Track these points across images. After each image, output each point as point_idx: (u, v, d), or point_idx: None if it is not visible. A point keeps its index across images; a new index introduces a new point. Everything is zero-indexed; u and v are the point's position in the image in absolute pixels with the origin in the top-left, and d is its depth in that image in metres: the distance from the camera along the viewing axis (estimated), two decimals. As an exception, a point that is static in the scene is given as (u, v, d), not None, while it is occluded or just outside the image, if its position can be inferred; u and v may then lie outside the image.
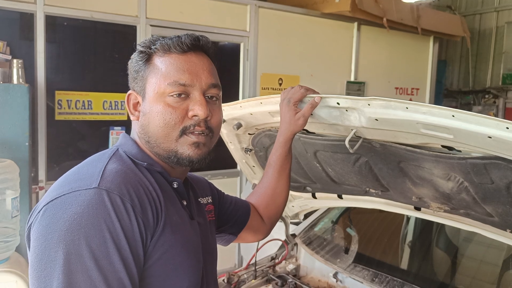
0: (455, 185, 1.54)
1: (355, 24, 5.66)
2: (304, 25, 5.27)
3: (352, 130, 1.56)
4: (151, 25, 4.19)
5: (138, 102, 1.18)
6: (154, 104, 1.14)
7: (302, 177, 2.28)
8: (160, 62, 1.15)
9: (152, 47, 1.17)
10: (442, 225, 3.05)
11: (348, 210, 2.96)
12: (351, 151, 1.57)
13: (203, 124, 1.14)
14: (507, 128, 1.11)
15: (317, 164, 2.04)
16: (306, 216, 3.06)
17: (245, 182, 4.73)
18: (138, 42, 3.56)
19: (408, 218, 3.24)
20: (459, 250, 3.01)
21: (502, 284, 2.65)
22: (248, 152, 2.34)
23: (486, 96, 7.72)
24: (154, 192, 1.08)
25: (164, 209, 1.09)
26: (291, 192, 2.51)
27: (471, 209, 1.68)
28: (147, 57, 1.17)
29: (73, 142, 3.97)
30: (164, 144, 1.14)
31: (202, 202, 1.38)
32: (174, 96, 1.13)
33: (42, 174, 3.76)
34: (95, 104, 3.98)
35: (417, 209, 1.95)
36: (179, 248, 1.10)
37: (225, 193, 1.65)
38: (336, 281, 2.51)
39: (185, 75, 1.14)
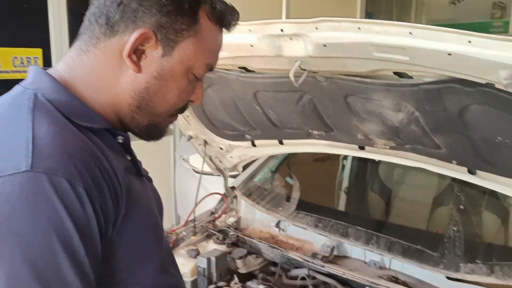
0: (405, 116, 1.47)
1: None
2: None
3: (296, 61, 1.42)
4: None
5: (145, 51, 0.88)
6: (179, 75, 0.91)
7: (240, 123, 2.12)
8: (208, 29, 0.92)
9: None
10: (376, 170, 3.10)
11: (287, 159, 2.88)
12: (296, 84, 1.44)
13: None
14: (469, 42, 1.03)
15: (257, 107, 1.89)
16: (245, 167, 2.95)
17: (179, 139, 4.50)
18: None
19: (344, 166, 3.25)
20: (392, 192, 3.07)
21: (432, 221, 2.73)
22: (180, 99, 2.14)
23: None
24: (106, 162, 0.83)
25: (123, 182, 0.86)
26: (229, 143, 2.36)
27: (418, 143, 1.63)
28: (196, 9, 0.89)
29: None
30: (155, 118, 0.95)
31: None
32: (196, 77, 0.94)
33: None
34: (3, 61, 3.49)
35: (361, 148, 1.89)
36: (144, 226, 0.92)
37: None
38: (279, 230, 2.44)
39: (216, 59, 0.98)
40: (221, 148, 2.41)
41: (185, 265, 2.17)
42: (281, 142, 2.15)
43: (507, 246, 2.15)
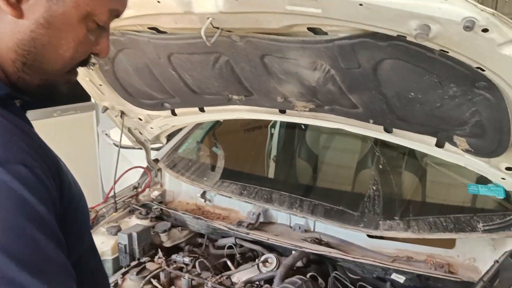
0: (321, 75, 1.43)
1: None
2: None
3: (208, 18, 1.33)
4: None
5: None
6: (75, 23, 0.76)
7: (158, 91, 2.00)
8: None
9: None
10: (303, 137, 3.12)
11: (213, 128, 2.81)
12: (208, 44, 1.35)
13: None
14: (379, -9, 0.99)
15: (173, 72, 1.78)
16: (169, 139, 2.83)
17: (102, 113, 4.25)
18: None
19: (272, 134, 3.23)
20: (319, 158, 3.11)
21: (356, 183, 2.81)
22: (91, 66, 1.97)
23: None
24: (35, 136, 0.77)
25: (52, 156, 0.80)
26: (148, 113, 2.23)
27: (336, 103, 1.62)
28: None
29: None
30: (48, 76, 0.81)
31: None
32: (99, 25, 0.80)
33: None
34: None
35: (282, 112, 1.85)
36: (77, 202, 0.85)
37: None
38: (205, 201, 2.38)
39: (123, 4, 0.84)
40: (140, 119, 2.28)
41: (105, 243, 2.05)
42: (202, 110, 2.06)
43: (422, 202, 2.25)
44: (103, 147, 4.19)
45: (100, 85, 2.09)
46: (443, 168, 2.53)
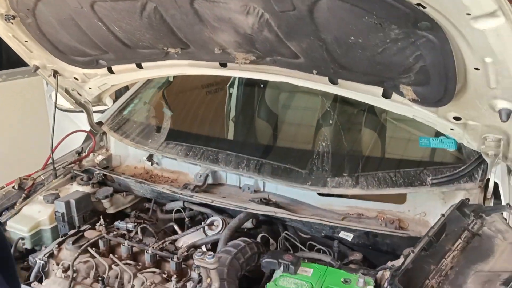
0: (255, 20, 1.30)
1: None
2: None
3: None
4: None
5: None
6: None
7: (89, 47, 1.83)
8: None
9: None
10: (263, 96, 3.00)
11: (163, 88, 2.65)
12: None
13: None
14: None
15: (100, 23, 1.61)
16: (116, 100, 2.67)
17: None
18: None
19: (231, 94, 3.10)
20: (279, 117, 3.01)
21: (316, 141, 2.73)
22: (11, 20, 1.77)
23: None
24: None
25: None
26: (83, 71, 2.05)
27: (277, 53, 1.49)
28: None
29: None
30: None
31: None
32: None
33: None
34: None
35: (223, 65, 1.71)
36: None
37: None
38: (152, 164, 2.26)
39: None
40: (76, 79, 2.10)
41: (42, 212, 1.92)
42: (139, 66, 1.90)
43: (373, 157, 2.18)
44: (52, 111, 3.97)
45: (26, 41, 1.90)
46: (401, 124, 2.47)
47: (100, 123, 2.38)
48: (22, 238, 1.83)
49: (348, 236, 1.61)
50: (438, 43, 1.15)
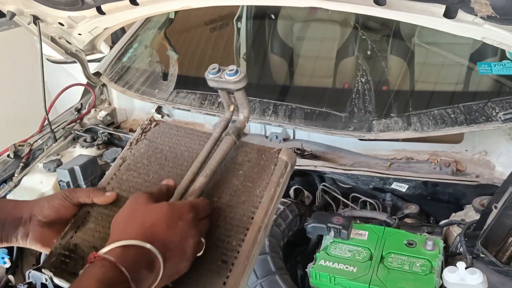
0: None
1: None
2: None
3: None
4: None
5: None
6: None
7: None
8: None
9: None
10: (275, 28, 2.69)
11: (164, 28, 2.32)
12: None
13: None
14: None
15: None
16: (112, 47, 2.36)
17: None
18: None
19: (239, 29, 2.78)
20: (294, 50, 2.71)
21: (338, 75, 2.45)
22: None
23: None
24: None
25: None
26: (68, 14, 1.72)
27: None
28: None
29: None
30: None
31: None
32: None
33: None
34: None
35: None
36: None
37: None
38: (162, 117, 1.99)
39: None
40: (61, 24, 1.78)
41: (45, 182, 1.69)
42: (134, 2, 1.57)
43: (423, 92, 1.87)
44: (47, 64, 3.66)
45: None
46: (433, 47, 2.16)
47: (98, 74, 2.09)
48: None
49: (402, 187, 1.37)
50: None
